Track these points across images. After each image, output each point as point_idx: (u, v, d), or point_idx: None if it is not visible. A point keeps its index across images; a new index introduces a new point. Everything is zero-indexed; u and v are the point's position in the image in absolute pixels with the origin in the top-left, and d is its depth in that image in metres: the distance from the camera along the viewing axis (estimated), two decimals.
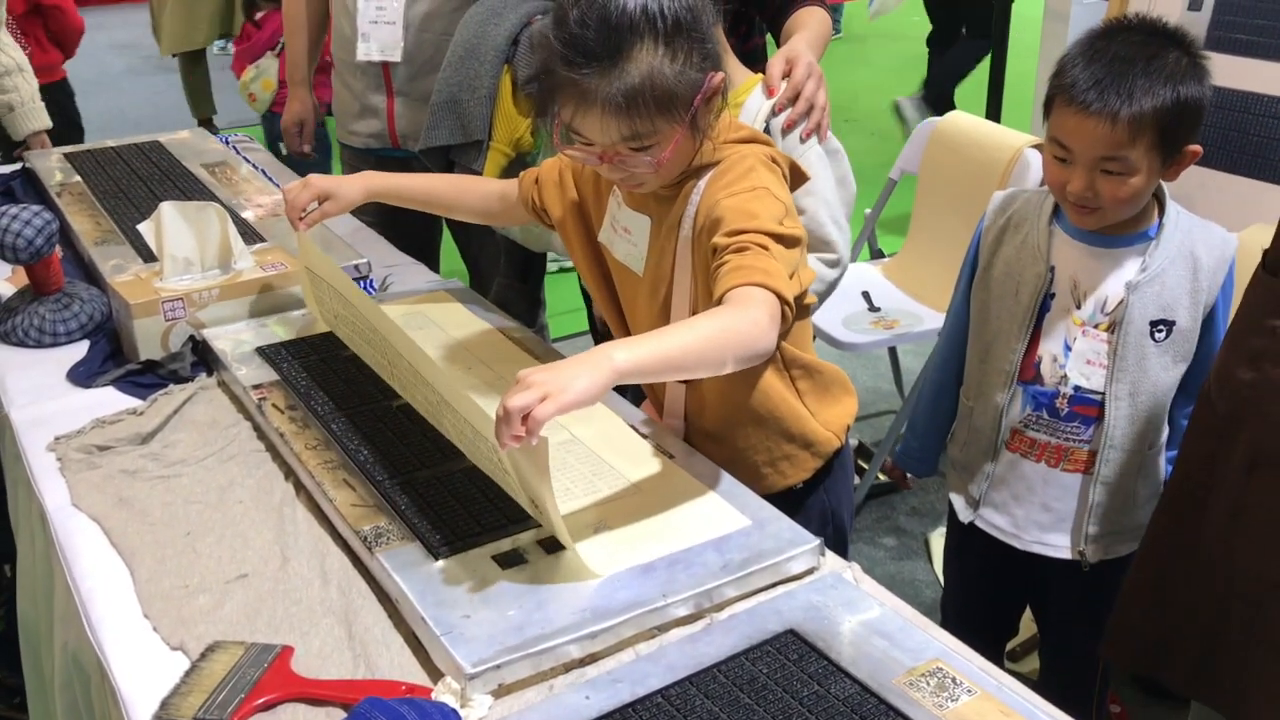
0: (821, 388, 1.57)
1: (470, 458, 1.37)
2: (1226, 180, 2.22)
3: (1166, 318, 1.58)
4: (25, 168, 2.60)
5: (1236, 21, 2.21)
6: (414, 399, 1.48)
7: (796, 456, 1.56)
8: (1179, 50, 1.52)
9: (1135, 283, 1.57)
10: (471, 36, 2.11)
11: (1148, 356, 1.59)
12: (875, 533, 2.88)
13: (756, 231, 1.30)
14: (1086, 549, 1.70)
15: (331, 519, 1.34)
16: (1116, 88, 1.48)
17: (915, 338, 2.83)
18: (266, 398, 1.56)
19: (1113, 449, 1.63)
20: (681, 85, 1.32)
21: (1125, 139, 1.49)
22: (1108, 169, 1.51)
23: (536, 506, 1.23)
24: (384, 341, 1.47)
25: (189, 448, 1.52)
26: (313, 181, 1.69)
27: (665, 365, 1.19)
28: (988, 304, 1.71)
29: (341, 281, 1.57)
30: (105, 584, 1.27)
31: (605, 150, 1.35)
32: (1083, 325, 1.62)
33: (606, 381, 1.13)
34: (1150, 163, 1.51)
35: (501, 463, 1.23)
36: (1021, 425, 1.69)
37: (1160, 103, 1.48)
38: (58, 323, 1.82)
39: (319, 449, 1.43)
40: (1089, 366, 1.62)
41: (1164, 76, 1.48)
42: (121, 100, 7.29)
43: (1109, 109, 1.48)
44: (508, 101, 2.09)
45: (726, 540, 1.25)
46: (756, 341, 1.23)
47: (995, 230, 1.72)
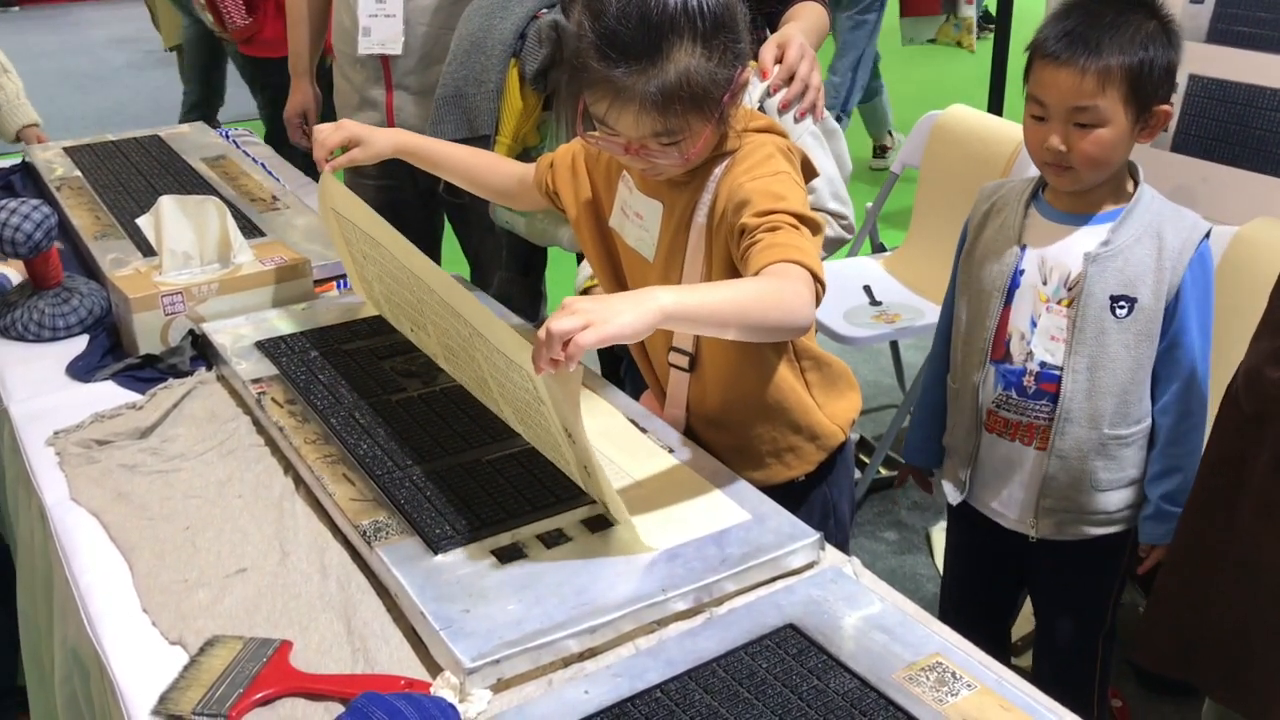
0: (829, 380, 1.57)
1: (497, 393, 1.38)
2: (1229, 174, 2.21)
3: (1128, 294, 1.60)
4: (24, 162, 2.60)
5: (1239, 14, 2.20)
6: (444, 334, 1.48)
7: (801, 448, 1.56)
8: (1147, 11, 1.57)
9: (1094, 254, 1.59)
10: (476, 30, 2.10)
11: (1107, 331, 1.61)
12: (876, 527, 2.88)
13: (786, 212, 1.30)
14: (1039, 522, 1.71)
15: (331, 513, 1.34)
16: (1085, 39, 1.53)
17: (917, 331, 2.83)
18: (266, 392, 1.55)
19: (1068, 422, 1.64)
20: (715, 84, 1.32)
21: (1094, 87, 1.53)
22: (1079, 120, 1.55)
23: (570, 436, 1.21)
24: (413, 278, 1.46)
25: (188, 442, 1.51)
26: (346, 125, 1.67)
27: (709, 316, 1.18)
28: (967, 285, 1.74)
29: (367, 219, 1.55)
30: (104, 579, 1.27)
31: (632, 142, 1.35)
32: (1047, 301, 1.64)
33: (651, 321, 1.12)
34: (1121, 116, 1.55)
35: (536, 389, 1.21)
36: (995, 405, 1.71)
37: (1127, 59, 1.52)
38: (57, 317, 1.82)
39: (318, 443, 1.43)
40: (1052, 342, 1.64)
41: (1131, 31, 1.53)
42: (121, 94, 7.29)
43: (1077, 59, 1.53)
44: (514, 96, 2.09)
45: (726, 534, 1.25)
46: (797, 312, 1.23)
47: (979, 216, 1.75)
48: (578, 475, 1.30)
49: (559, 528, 1.26)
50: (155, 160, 2.51)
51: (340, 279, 1.99)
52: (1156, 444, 1.67)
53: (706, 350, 1.50)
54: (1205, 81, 2.29)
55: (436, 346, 1.57)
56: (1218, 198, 2.15)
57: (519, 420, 1.40)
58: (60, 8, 10.06)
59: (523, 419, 1.37)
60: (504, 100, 2.08)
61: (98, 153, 2.57)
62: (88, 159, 2.52)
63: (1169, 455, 1.65)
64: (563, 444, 1.27)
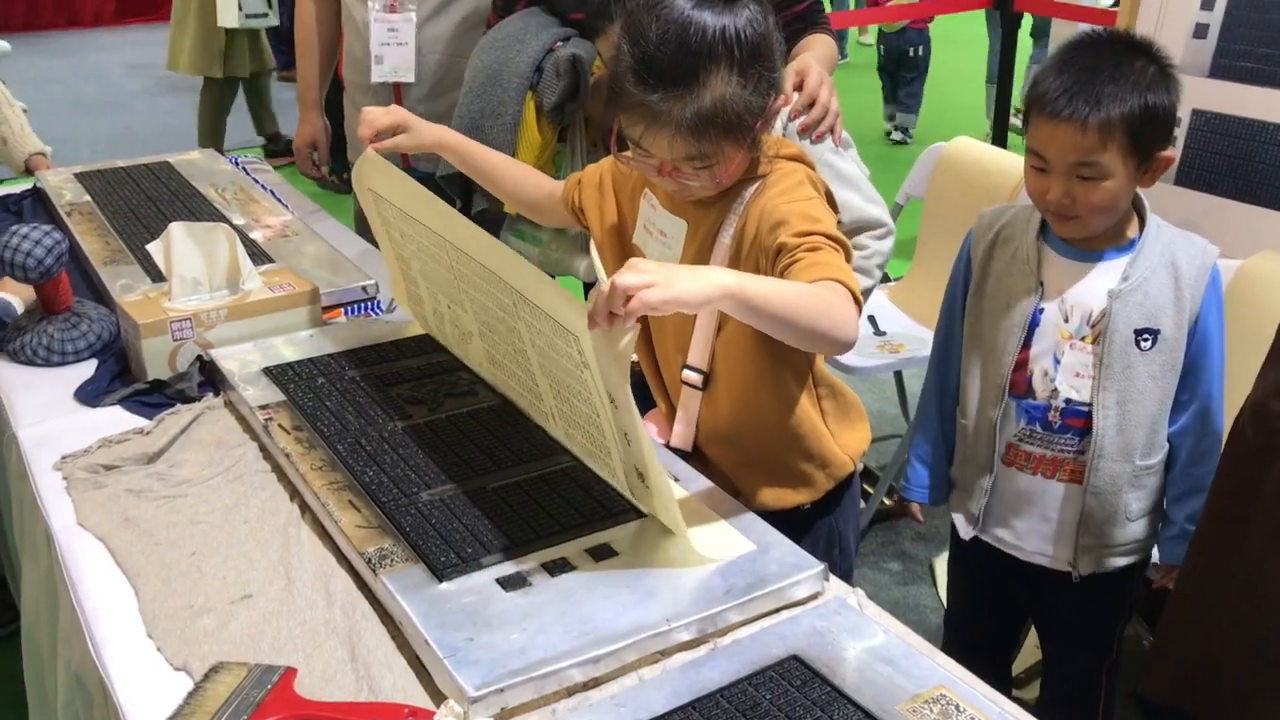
0: (843, 409, 1.59)
1: (536, 366, 1.39)
2: (1232, 208, 2.22)
3: (1151, 326, 1.60)
4: (35, 187, 2.62)
5: (1241, 50, 2.22)
6: (482, 309, 1.49)
7: (811, 475, 1.56)
8: (1146, 59, 1.57)
9: (1117, 291, 1.60)
10: (493, 63, 2.12)
11: (1134, 365, 1.61)
12: (880, 557, 2.88)
13: (823, 235, 1.32)
14: (1078, 560, 1.71)
15: (336, 540, 1.34)
16: (1085, 94, 1.53)
17: (921, 362, 2.82)
18: (273, 418, 1.56)
19: (1102, 458, 1.64)
20: (749, 111, 1.34)
21: (1096, 143, 1.53)
22: (1082, 174, 1.55)
23: (613, 401, 1.21)
24: (453, 251, 1.47)
25: (195, 468, 1.52)
26: (395, 110, 1.68)
27: (764, 304, 1.18)
28: (979, 319, 1.74)
29: (407, 194, 1.56)
30: (109, 603, 1.28)
31: (665, 164, 1.37)
32: (1070, 338, 1.64)
33: (712, 295, 1.13)
34: (1123, 167, 1.55)
35: (582, 354, 1.22)
36: (1016, 439, 1.71)
37: (1128, 108, 1.52)
38: (66, 342, 1.83)
39: (324, 470, 1.44)
40: (1077, 379, 1.64)
41: (1130, 83, 1.53)
42: (132, 120, 7.34)
43: (1078, 115, 1.53)
44: (531, 129, 2.11)
45: (731, 564, 1.25)
46: (843, 326, 1.24)
47: (984, 245, 1.75)
48: (615, 446, 1.29)
49: (563, 556, 1.26)
50: (165, 186, 2.52)
51: (346, 306, 2.00)
52: (1176, 465, 1.68)
53: (722, 369, 1.51)
54: (1208, 116, 2.30)
55: (473, 323, 1.57)
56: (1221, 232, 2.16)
57: (554, 395, 1.40)
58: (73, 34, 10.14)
59: (560, 392, 1.38)
60: (521, 133, 2.10)
61: (108, 178, 2.59)
62: (98, 184, 2.54)
63: (1190, 475, 1.66)
64: (603, 413, 1.27)
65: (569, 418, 1.40)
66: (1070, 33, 4.34)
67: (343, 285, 2.00)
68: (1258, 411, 1.44)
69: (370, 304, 2.02)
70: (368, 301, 2.02)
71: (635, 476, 1.28)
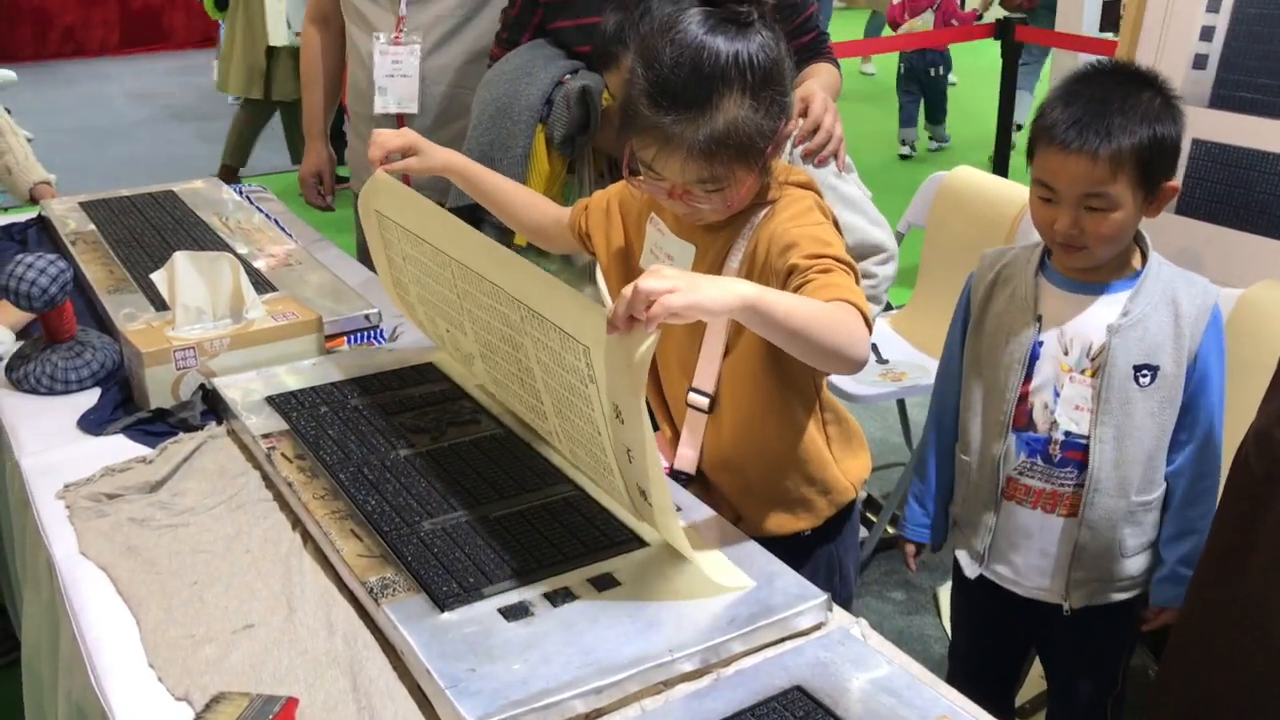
0: (846, 436, 1.59)
1: (540, 382, 1.38)
2: (1233, 237, 2.23)
3: (1150, 362, 1.60)
4: (40, 216, 2.63)
5: (1240, 80, 2.23)
6: (485, 328, 1.48)
7: (813, 501, 1.56)
8: (1152, 90, 1.58)
9: (1117, 325, 1.60)
10: (502, 95, 2.12)
11: (1132, 400, 1.61)
12: (884, 586, 2.87)
13: (834, 258, 1.33)
14: (1070, 593, 1.70)
15: (338, 569, 1.34)
16: (1095, 126, 1.53)
17: (924, 390, 2.83)
18: (276, 447, 1.56)
19: (1098, 492, 1.64)
20: (760, 135, 1.36)
21: (1106, 175, 1.53)
22: (1091, 205, 1.56)
23: (619, 415, 1.20)
24: (459, 270, 1.47)
25: (198, 496, 1.52)
26: (407, 132, 1.68)
27: (783, 317, 1.18)
28: (979, 358, 1.73)
29: (418, 212, 1.56)
30: (111, 632, 1.27)
31: (676, 187, 1.38)
32: (1070, 371, 1.64)
33: (733, 305, 1.14)
34: (1131, 198, 1.56)
35: (590, 367, 1.21)
36: (1016, 473, 1.70)
37: (1138, 139, 1.53)
38: (69, 370, 1.83)
39: (327, 499, 1.44)
40: (1077, 412, 1.64)
41: (1139, 115, 1.54)
42: (136, 149, 7.37)
43: (1089, 147, 1.53)
44: (541, 160, 2.11)
45: (733, 595, 1.25)
46: (856, 345, 1.25)
47: (985, 286, 1.75)
48: (617, 463, 1.28)
49: (566, 586, 1.26)
50: (169, 215, 2.54)
51: (350, 335, 2.00)
52: (1171, 505, 1.67)
53: (728, 393, 1.51)
54: (1208, 146, 2.31)
55: (473, 345, 1.57)
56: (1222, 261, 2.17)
57: (556, 413, 1.39)
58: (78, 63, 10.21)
59: (562, 410, 1.37)
60: (531, 165, 2.11)
61: (112, 207, 2.60)
62: (102, 213, 2.55)
63: (1185, 517, 1.65)
64: (604, 430, 1.26)
65: (572, 436, 1.39)
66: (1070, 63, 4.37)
67: (346, 314, 2.01)
68: (1261, 440, 1.43)
69: (373, 332, 2.02)
70: (371, 330, 2.02)
71: (638, 493, 1.28)
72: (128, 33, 10.65)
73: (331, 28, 2.74)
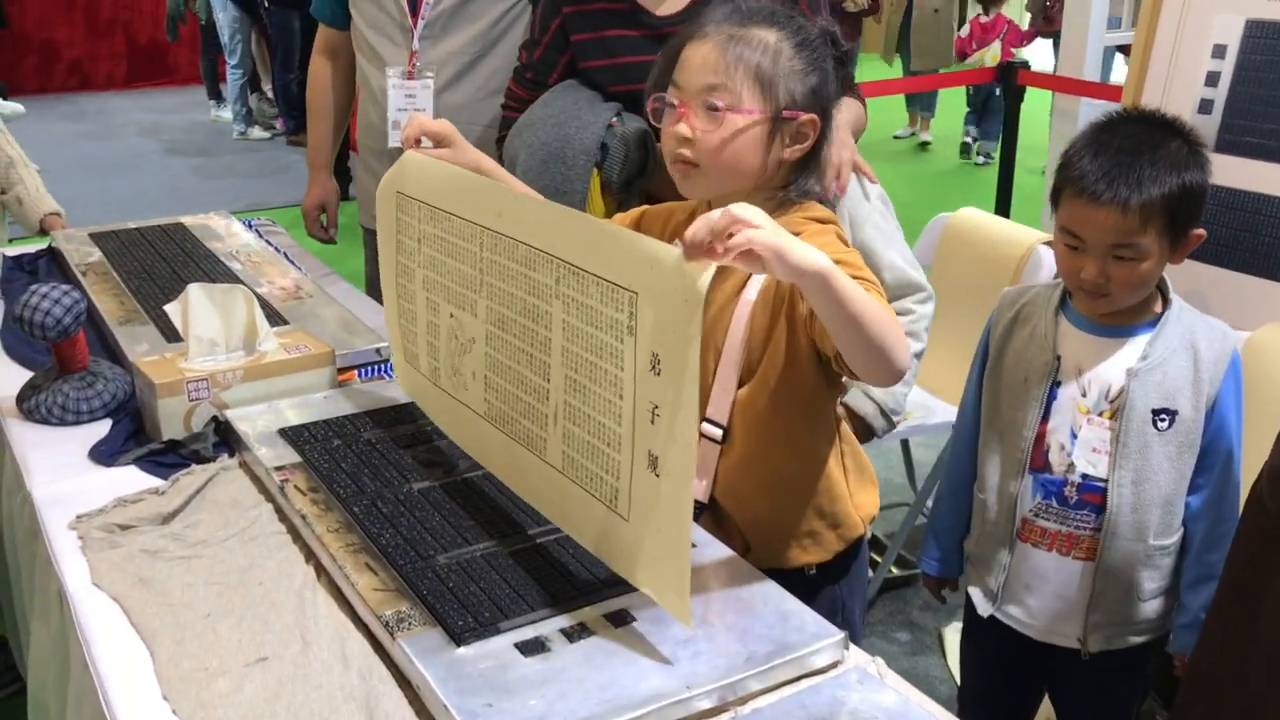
0: (859, 469, 1.59)
1: (560, 350, 1.34)
2: (1239, 280, 2.24)
3: (1169, 407, 1.60)
4: (50, 247, 2.64)
5: (1245, 125, 2.25)
6: (505, 299, 1.45)
7: (822, 535, 1.55)
8: (1180, 139, 1.59)
9: (1136, 369, 1.60)
10: (552, 140, 2.10)
11: (1150, 444, 1.61)
12: (889, 627, 2.86)
13: (868, 279, 1.33)
14: (1088, 637, 1.69)
15: (353, 603, 1.33)
16: (1125, 178, 1.54)
17: (929, 430, 2.84)
18: (289, 479, 1.56)
19: (1115, 536, 1.64)
20: (779, 75, 1.42)
21: (1137, 226, 1.55)
22: (1120, 255, 1.57)
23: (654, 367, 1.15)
24: (490, 237, 1.45)
25: (210, 528, 1.52)
26: (445, 122, 1.66)
27: (848, 299, 1.17)
28: (998, 394, 1.74)
29: (451, 183, 1.54)
30: (124, 665, 1.27)
31: (685, 100, 1.43)
32: (1088, 413, 1.64)
33: (810, 266, 1.12)
34: (1160, 247, 1.57)
35: (632, 318, 1.18)
36: (1032, 514, 1.70)
37: (1167, 190, 1.54)
38: (81, 401, 1.84)
39: (340, 532, 1.43)
40: (1094, 454, 1.64)
41: (1169, 164, 1.55)
42: (142, 181, 7.41)
43: (1119, 198, 1.54)
44: (597, 203, 2.11)
45: (750, 632, 1.24)
46: (901, 353, 1.25)
47: (1005, 324, 1.75)
48: (629, 430, 1.22)
49: (582, 621, 1.25)
50: (179, 247, 2.54)
51: (361, 368, 2.01)
52: (1191, 550, 1.67)
53: (742, 424, 1.50)
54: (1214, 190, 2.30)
55: (479, 327, 1.52)
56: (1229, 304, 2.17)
57: (566, 387, 1.33)
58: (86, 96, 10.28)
59: (575, 382, 1.31)
60: (588, 208, 2.11)
61: (122, 239, 2.61)
62: (112, 245, 2.56)
63: (1205, 562, 1.65)
64: (628, 391, 1.21)
65: (573, 414, 1.34)
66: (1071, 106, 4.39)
67: (357, 347, 2.01)
68: (1276, 478, 1.43)
69: (384, 366, 2.02)
70: (381, 364, 2.03)
71: (645, 465, 1.21)
72: (134, 67, 10.74)
73: (340, 61, 2.75)
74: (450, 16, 2.45)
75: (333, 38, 2.74)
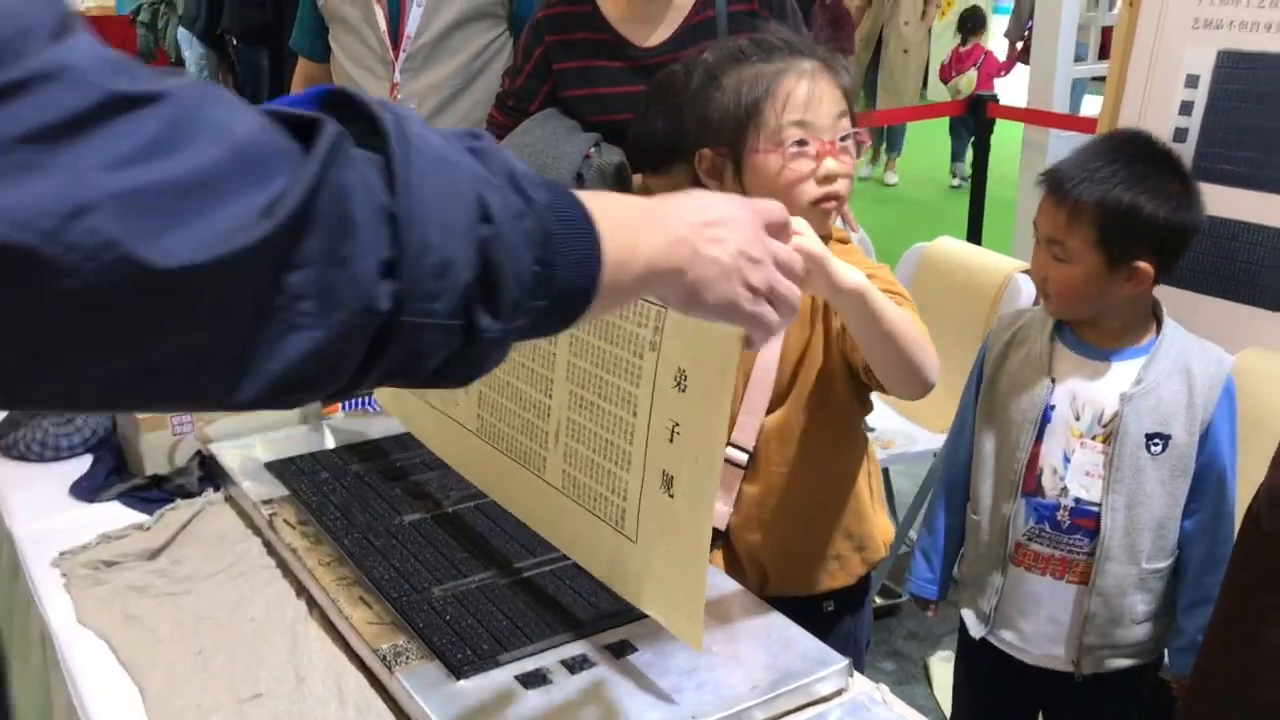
0: (878, 489, 1.59)
1: (563, 372, 1.30)
2: (1218, 305, 2.26)
3: (1162, 431, 1.61)
4: None
5: (1219, 153, 2.28)
6: None
7: (848, 559, 1.54)
8: (1171, 171, 1.60)
9: (1129, 394, 1.61)
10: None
11: (1143, 469, 1.61)
12: (874, 657, 2.84)
13: (901, 294, 1.35)
14: (1081, 660, 1.69)
15: (347, 637, 1.31)
16: (1075, 176, 1.58)
17: (911, 458, 2.84)
18: (277, 513, 1.54)
19: (1108, 560, 1.64)
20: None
21: (1063, 224, 1.58)
22: (1054, 254, 1.61)
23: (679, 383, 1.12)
24: None
25: (198, 564, 1.49)
26: None
27: (882, 314, 1.20)
28: (992, 416, 1.74)
29: None
30: (113, 703, 1.24)
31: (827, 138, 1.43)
32: (1081, 437, 1.65)
33: (849, 284, 1.15)
34: (1091, 260, 1.57)
35: (660, 331, 1.14)
36: (1025, 539, 1.70)
37: (1104, 199, 1.55)
38: (61, 436, 1.80)
39: (332, 565, 1.41)
40: (1087, 478, 1.64)
41: (1120, 180, 1.56)
42: None
43: (1058, 191, 1.59)
44: None
45: (753, 661, 1.23)
46: (932, 367, 1.27)
47: (1000, 346, 1.76)
48: (641, 449, 1.19)
49: (583, 653, 1.24)
50: None
51: (345, 401, 1.98)
52: (1187, 573, 1.67)
53: (769, 450, 1.49)
54: None
55: None
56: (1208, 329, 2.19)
57: (571, 404, 1.29)
58: None
59: (581, 400, 1.27)
60: None
61: None
62: None
63: (1201, 586, 1.65)
64: (644, 406, 1.17)
65: (577, 431, 1.30)
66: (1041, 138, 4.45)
67: None
68: (1273, 498, 1.44)
69: (368, 400, 2.00)
70: (365, 397, 2.01)
71: (658, 485, 1.18)
72: None
73: None
74: (432, 49, 2.44)
75: (313, 71, 2.72)
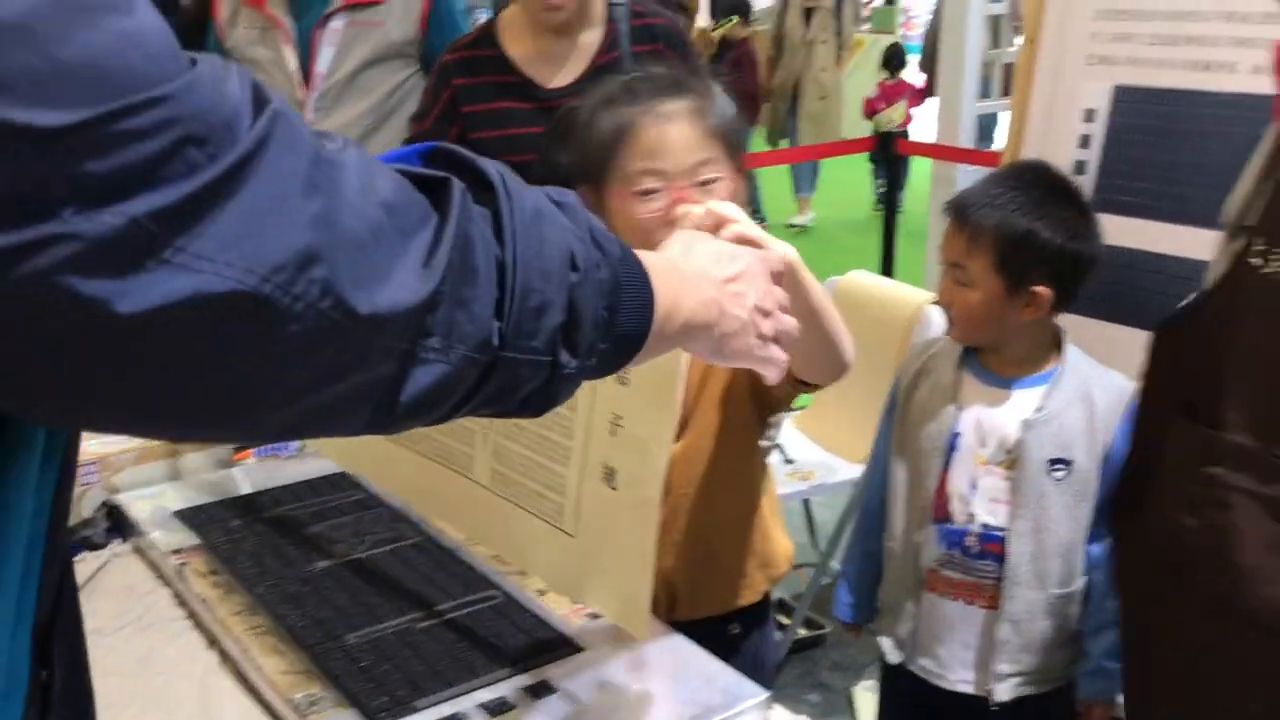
0: (775, 505, 1.61)
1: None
2: (1121, 332, 2.31)
3: (1064, 457, 1.64)
4: None
5: (1119, 184, 2.34)
6: None
7: (752, 577, 1.57)
8: (1059, 196, 1.64)
9: (1031, 421, 1.64)
10: None
11: (1047, 494, 1.64)
12: (800, 689, 2.85)
13: None
14: (994, 687, 1.71)
15: (260, 688, 1.28)
16: (977, 203, 1.62)
17: (831, 489, 2.87)
18: (187, 563, 1.50)
19: (1016, 585, 1.66)
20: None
21: (964, 248, 1.62)
22: (956, 277, 1.64)
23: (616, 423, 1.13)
24: None
25: (104, 617, 1.44)
26: None
27: (812, 290, 1.25)
28: (904, 445, 1.77)
29: None
30: None
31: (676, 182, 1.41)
32: (986, 463, 1.67)
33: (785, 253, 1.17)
34: (990, 284, 1.61)
35: None
36: (937, 565, 1.72)
37: (1003, 224, 1.59)
38: None
39: (244, 614, 1.38)
40: (994, 504, 1.67)
41: (1017, 207, 1.60)
42: None
43: (960, 217, 1.63)
44: None
45: (672, 696, 1.23)
46: (849, 348, 1.32)
47: (911, 375, 1.79)
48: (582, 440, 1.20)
49: (502, 696, 1.22)
50: None
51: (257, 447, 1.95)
52: (1092, 599, 1.70)
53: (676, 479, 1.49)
54: None
55: None
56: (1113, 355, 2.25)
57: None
58: None
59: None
60: None
61: None
62: None
63: (1106, 609, 1.68)
64: (585, 402, 1.18)
65: (506, 428, 1.30)
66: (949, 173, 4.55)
67: None
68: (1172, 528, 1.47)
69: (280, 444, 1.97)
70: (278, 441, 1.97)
71: (599, 478, 1.18)
72: None
73: None
74: (343, 88, 2.44)
75: None
